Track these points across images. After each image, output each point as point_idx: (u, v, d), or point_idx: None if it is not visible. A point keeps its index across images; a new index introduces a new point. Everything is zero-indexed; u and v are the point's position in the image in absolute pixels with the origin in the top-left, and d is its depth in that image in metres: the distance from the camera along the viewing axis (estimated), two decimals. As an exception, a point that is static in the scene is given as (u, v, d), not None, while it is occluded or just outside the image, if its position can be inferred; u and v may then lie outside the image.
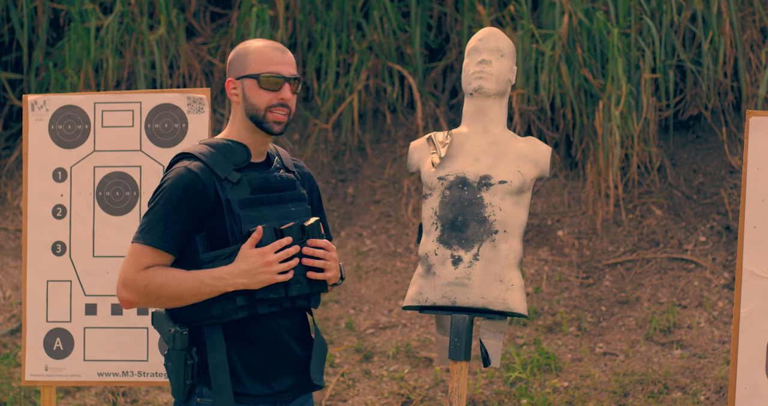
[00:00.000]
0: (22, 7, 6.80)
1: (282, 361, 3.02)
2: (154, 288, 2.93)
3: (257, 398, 3.00)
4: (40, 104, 3.96)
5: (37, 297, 3.94)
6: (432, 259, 3.55)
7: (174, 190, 2.95)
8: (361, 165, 6.64)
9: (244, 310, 2.94)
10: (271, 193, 3.00)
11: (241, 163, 3.01)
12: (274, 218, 2.98)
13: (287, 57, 3.04)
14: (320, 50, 6.67)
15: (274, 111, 3.00)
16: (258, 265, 2.90)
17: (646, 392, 5.18)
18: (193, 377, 2.98)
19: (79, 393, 5.44)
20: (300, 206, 3.04)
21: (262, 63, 3.02)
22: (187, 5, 6.94)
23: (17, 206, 6.60)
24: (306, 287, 2.98)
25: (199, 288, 2.91)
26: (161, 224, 2.94)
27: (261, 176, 3.01)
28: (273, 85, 3.00)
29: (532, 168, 3.58)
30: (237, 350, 2.98)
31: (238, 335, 2.98)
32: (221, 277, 2.91)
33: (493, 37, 3.64)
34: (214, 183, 2.96)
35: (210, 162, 2.98)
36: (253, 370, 3.00)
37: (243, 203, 2.96)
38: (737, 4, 6.35)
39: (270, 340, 2.99)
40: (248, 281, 2.91)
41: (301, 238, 2.97)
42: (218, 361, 2.95)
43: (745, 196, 3.53)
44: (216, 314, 2.95)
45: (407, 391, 5.31)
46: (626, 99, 6.04)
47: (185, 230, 2.94)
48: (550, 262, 5.99)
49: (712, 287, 5.75)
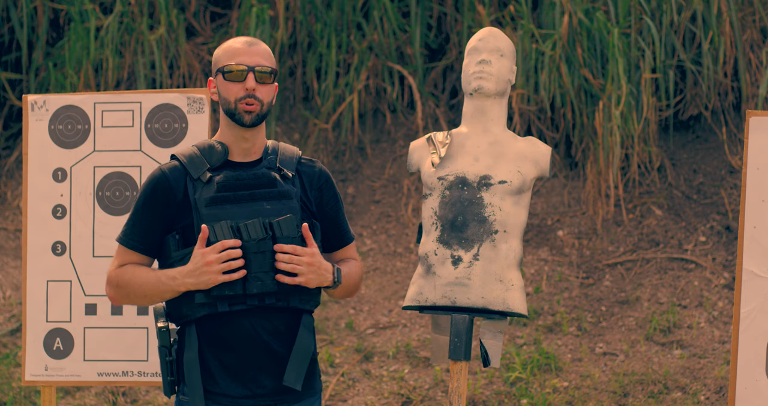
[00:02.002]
0: (22, 7, 6.80)
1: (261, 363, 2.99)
2: (123, 285, 3.02)
3: (234, 399, 2.99)
4: (40, 104, 3.96)
5: (37, 297, 3.94)
6: (432, 259, 3.55)
7: (143, 190, 3.04)
8: (361, 165, 6.64)
9: (205, 307, 2.96)
10: (239, 191, 2.98)
11: (219, 162, 3.02)
12: (241, 215, 2.96)
13: (254, 49, 3.04)
14: (320, 50, 6.67)
15: (243, 101, 3.01)
16: (200, 265, 2.92)
17: (646, 392, 5.18)
18: (173, 373, 3.03)
19: (79, 393, 5.44)
20: (278, 203, 2.99)
21: (228, 57, 3.04)
22: (187, 5, 6.94)
23: (17, 206, 6.60)
24: (271, 285, 2.95)
25: (157, 287, 2.97)
26: (130, 223, 3.05)
27: (233, 174, 3.00)
28: (237, 76, 3.01)
29: (532, 168, 3.58)
30: (212, 349, 2.99)
31: (211, 334, 2.99)
32: (174, 276, 2.95)
33: (493, 37, 3.64)
34: (185, 183, 3.00)
35: (187, 162, 3.02)
36: (230, 370, 2.99)
37: (208, 201, 2.97)
38: (737, 4, 6.35)
39: (245, 340, 2.98)
40: (194, 281, 2.93)
41: (265, 235, 2.95)
42: (190, 359, 2.98)
43: (745, 196, 3.53)
44: (186, 313, 2.99)
45: (407, 391, 5.31)
46: (626, 99, 6.04)
47: (153, 228, 3.01)
48: (550, 262, 5.99)
49: (712, 287, 5.75)
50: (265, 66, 3.02)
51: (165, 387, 3.05)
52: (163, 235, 3.02)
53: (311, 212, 3.09)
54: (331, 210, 3.14)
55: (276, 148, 3.11)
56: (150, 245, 3.03)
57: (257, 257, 2.94)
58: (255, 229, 2.94)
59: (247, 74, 3.01)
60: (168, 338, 3.01)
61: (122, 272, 3.02)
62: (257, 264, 2.94)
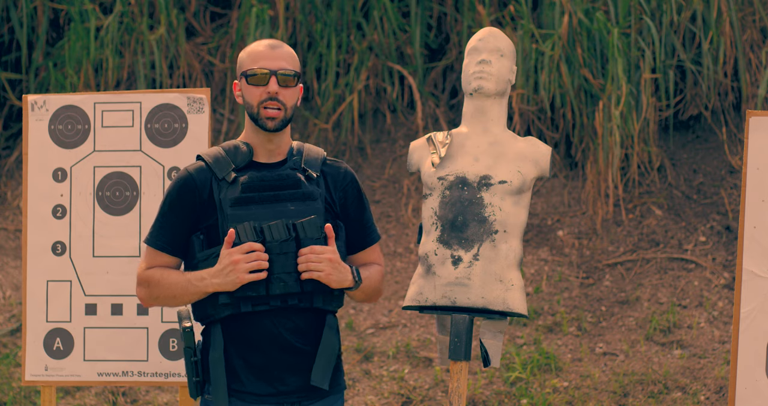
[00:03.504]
0: (22, 7, 6.80)
1: (285, 361, 3.01)
2: (153, 286, 3.04)
3: (260, 397, 3.01)
4: (40, 104, 3.96)
5: (37, 297, 3.94)
6: (432, 259, 3.55)
7: (170, 191, 3.05)
8: (361, 165, 6.64)
9: (229, 308, 2.98)
10: (264, 192, 3.00)
11: (244, 163, 3.03)
12: (266, 216, 2.98)
13: (277, 52, 3.04)
14: (320, 50, 6.67)
15: (266, 106, 3.02)
16: (226, 265, 2.93)
17: (646, 392, 5.18)
18: (198, 374, 3.04)
19: (79, 393, 5.44)
20: (303, 205, 3.01)
21: (251, 60, 3.05)
22: (187, 5, 6.94)
23: (17, 206, 6.60)
24: (294, 286, 2.97)
25: (187, 288, 2.99)
26: (157, 224, 3.06)
27: (258, 175, 3.02)
28: (259, 80, 3.02)
29: (532, 168, 3.58)
30: (237, 348, 3.01)
31: (235, 333, 3.01)
32: (202, 277, 2.97)
33: (493, 37, 3.64)
34: (211, 183, 3.01)
35: (212, 163, 3.04)
36: (256, 369, 3.01)
37: (233, 201, 2.98)
38: (737, 4, 6.35)
39: (269, 339, 3.00)
40: (221, 281, 2.94)
41: (288, 236, 2.96)
42: (216, 358, 3.00)
43: (745, 196, 3.53)
44: (210, 313, 3.01)
45: (407, 391, 5.31)
46: (626, 99, 6.04)
47: (180, 229, 3.03)
48: (550, 262, 5.99)
49: (712, 287, 5.75)
50: (287, 69, 3.03)
51: (191, 388, 3.06)
52: (190, 235, 3.03)
53: (335, 213, 3.10)
54: (355, 211, 3.14)
55: (301, 149, 3.11)
56: (178, 246, 3.04)
57: (280, 258, 2.96)
58: (278, 230, 2.96)
59: (270, 78, 3.01)
60: (193, 338, 3.04)
61: (151, 274, 3.04)
62: (280, 265, 2.96)
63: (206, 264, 2.99)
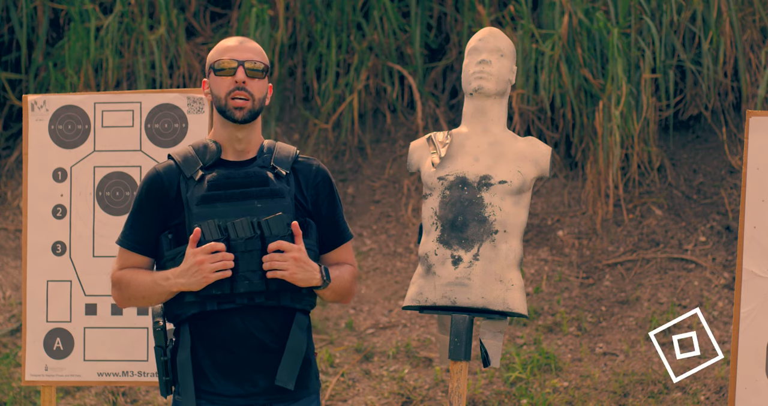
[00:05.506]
0: (22, 7, 6.80)
1: (253, 361, 2.99)
2: (124, 287, 3.05)
3: (228, 398, 2.99)
4: (40, 104, 3.96)
5: (37, 297, 3.94)
6: (432, 259, 3.55)
7: (139, 191, 3.06)
8: (361, 165, 6.64)
9: (195, 306, 2.97)
10: (230, 189, 2.98)
11: (212, 161, 3.02)
12: (231, 214, 2.96)
13: (245, 45, 3.05)
14: (320, 50, 6.67)
15: (234, 96, 3.00)
16: (192, 265, 2.92)
17: (646, 392, 5.18)
18: (168, 373, 3.04)
19: (79, 393, 5.44)
20: (270, 202, 2.98)
21: (218, 54, 3.06)
22: (187, 5, 6.94)
23: (17, 206, 6.60)
24: (259, 285, 2.94)
25: (154, 288, 2.99)
26: (128, 224, 3.07)
27: (225, 173, 3.00)
28: (227, 72, 3.01)
29: (532, 168, 3.58)
30: (205, 348, 3.00)
31: (203, 332, 2.99)
32: (167, 277, 2.97)
33: (493, 37, 3.64)
34: (179, 182, 3.01)
35: (181, 161, 3.03)
36: (224, 369, 2.99)
37: (199, 200, 2.97)
38: (737, 4, 6.35)
39: (237, 339, 2.97)
40: (186, 281, 2.93)
41: (253, 234, 2.94)
42: (183, 359, 2.99)
43: (745, 196, 3.53)
44: (178, 312, 3.01)
45: (407, 391, 5.31)
46: (626, 99, 6.04)
47: (150, 228, 3.03)
48: (550, 262, 5.99)
49: (712, 287, 5.75)
50: (256, 61, 3.03)
51: (161, 387, 3.06)
52: (159, 234, 3.03)
53: (306, 211, 3.07)
54: (326, 208, 3.10)
55: (272, 147, 3.09)
56: (148, 245, 3.04)
57: (245, 256, 2.94)
58: (243, 227, 2.94)
59: (237, 68, 3.01)
60: (163, 338, 3.03)
61: (122, 275, 3.04)
62: (245, 263, 2.94)
63: (173, 263, 2.98)
